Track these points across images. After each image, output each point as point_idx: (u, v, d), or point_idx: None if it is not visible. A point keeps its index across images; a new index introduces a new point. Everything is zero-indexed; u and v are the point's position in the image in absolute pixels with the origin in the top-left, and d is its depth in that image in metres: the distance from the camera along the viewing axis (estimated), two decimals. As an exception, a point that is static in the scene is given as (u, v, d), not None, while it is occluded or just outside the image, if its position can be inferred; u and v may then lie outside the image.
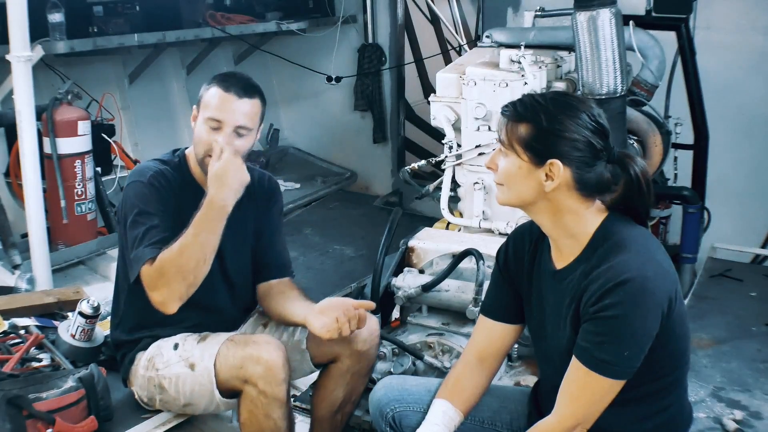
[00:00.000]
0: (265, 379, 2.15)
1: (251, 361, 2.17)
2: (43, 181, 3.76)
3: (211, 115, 2.28)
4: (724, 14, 4.57)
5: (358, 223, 5.43)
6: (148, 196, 2.28)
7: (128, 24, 4.66)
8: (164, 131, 5.53)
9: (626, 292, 1.69)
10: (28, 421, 2.19)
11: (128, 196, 2.31)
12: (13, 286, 3.57)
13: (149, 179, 2.31)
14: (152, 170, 2.34)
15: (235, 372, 2.19)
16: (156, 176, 2.32)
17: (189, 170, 2.42)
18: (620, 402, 1.78)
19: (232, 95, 2.28)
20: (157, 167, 2.37)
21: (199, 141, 2.31)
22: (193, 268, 2.19)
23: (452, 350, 2.84)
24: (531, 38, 3.75)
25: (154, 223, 2.25)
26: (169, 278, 2.19)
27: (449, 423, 1.99)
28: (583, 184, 1.79)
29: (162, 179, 2.33)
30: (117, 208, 2.42)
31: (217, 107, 2.28)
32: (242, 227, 2.45)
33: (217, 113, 2.27)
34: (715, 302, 3.50)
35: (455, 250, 3.02)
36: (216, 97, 2.29)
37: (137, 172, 2.37)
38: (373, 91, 5.94)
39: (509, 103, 1.85)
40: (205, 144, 2.29)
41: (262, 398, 2.16)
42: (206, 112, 2.29)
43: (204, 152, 2.30)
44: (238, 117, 2.28)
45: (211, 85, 2.33)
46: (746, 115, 4.58)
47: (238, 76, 2.38)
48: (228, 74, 2.41)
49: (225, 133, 2.27)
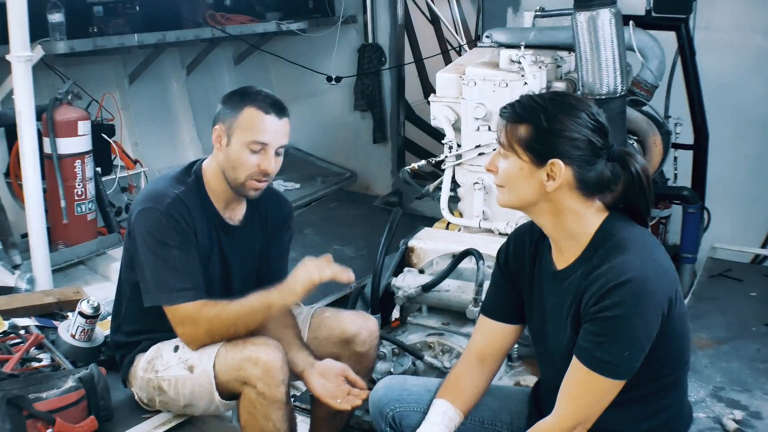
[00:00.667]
0: (263, 380, 2.15)
1: (250, 363, 2.17)
2: (43, 181, 3.75)
3: (254, 138, 2.25)
4: (724, 14, 4.57)
5: (358, 223, 5.42)
6: (166, 226, 2.23)
7: (128, 24, 4.67)
8: (164, 131, 5.53)
9: (627, 292, 1.69)
10: (28, 421, 2.19)
11: (144, 223, 2.25)
12: (13, 286, 3.56)
13: (167, 209, 2.24)
14: (169, 197, 2.26)
15: (234, 374, 2.19)
16: (174, 205, 2.25)
17: (205, 189, 2.36)
18: (620, 402, 1.78)
19: (273, 116, 2.26)
20: (174, 191, 2.29)
21: (241, 165, 2.27)
22: (223, 334, 2.24)
23: (452, 350, 2.85)
24: (531, 38, 3.75)
25: (174, 257, 2.22)
26: (198, 330, 2.23)
27: (449, 423, 1.99)
28: (584, 183, 1.79)
29: (180, 207, 2.26)
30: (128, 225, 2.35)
31: (260, 130, 2.25)
32: (251, 246, 2.45)
33: (262, 136, 2.25)
34: (715, 302, 3.50)
35: (455, 250, 3.02)
36: (256, 119, 2.25)
37: (153, 197, 2.28)
38: (373, 91, 5.94)
39: (508, 104, 1.85)
40: (248, 168, 2.27)
41: (261, 400, 2.16)
42: (247, 135, 2.25)
43: (246, 176, 2.28)
44: (280, 137, 2.28)
45: (241, 106, 2.27)
46: (746, 115, 4.58)
47: (264, 93, 2.31)
48: (254, 92, 2.31)
49: (269, 155, 2.27)
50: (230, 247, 2.40)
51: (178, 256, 2.23)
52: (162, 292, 2.24)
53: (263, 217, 2.47)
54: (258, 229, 2.40)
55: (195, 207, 2.31)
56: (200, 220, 2.32)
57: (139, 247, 2.27)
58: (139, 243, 2.26)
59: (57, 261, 3.91)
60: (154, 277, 2.24)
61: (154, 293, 2.25)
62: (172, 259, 2.23)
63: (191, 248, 2.27)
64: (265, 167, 2.28)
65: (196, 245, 2.29)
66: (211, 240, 2.36)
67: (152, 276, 2.25)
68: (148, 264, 2.25)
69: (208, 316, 2.21)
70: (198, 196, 2.34)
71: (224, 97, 2.35)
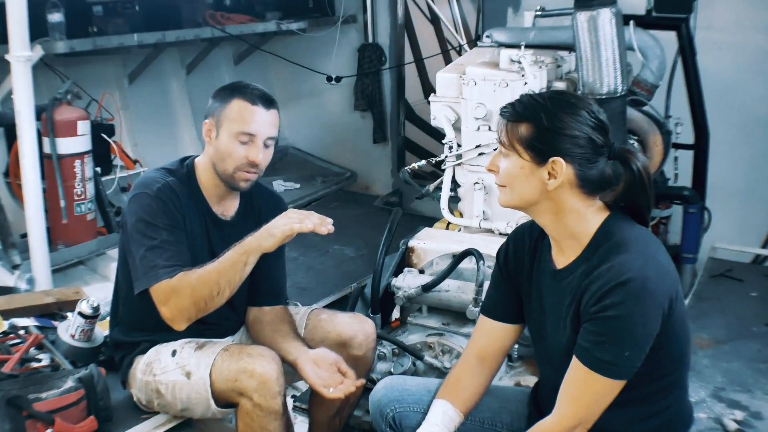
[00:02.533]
0: (259, 392, 2.15)
1: (245, 375, 2.16)
2: (43, 181, 3.76)
3: (242, 129, 2.27)
4: (724, 14, 4.56)
5: (358, 223, 5.41)
6: (155, 209, 2.25)
7: (128, 24, 4.67)
8: (164, 131, 5.53)
9: (627, 292, 1.68)
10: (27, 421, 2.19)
11: (134, 207, 2.28)
12: (13, 286, 3.56)
13: (156, 192, 2.27)
14: (159, 183, 2.30)
15: (230, 385, 2.19)
16: (163, 189, 2.28)
17: (197, 182, 2.39)
18: (621, 402, 1.78)
19: (260, 107, 2.29)
20: (164, 179, 2.32)
21: (229, 156, 2.30)
22: (207, 298, 2.19)
23: (452, 350, 2.84)
24: (531, 38, 3.74)
25: (162, 238, 2.23)
26: (182, 300, 2.18)
27: (449, 423, 1.99)
28: (586, 181, 1.78)
29: (169, 192, 2.29)
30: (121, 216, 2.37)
31: (248, 121, 2.27)
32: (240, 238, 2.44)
33: (249, 127, 2.28)
34: (715, 302, 3.50)
35: (455, 250, 3.02)
36: (243, 110, 2.28)
37: (144, 183, 2.33)
38: (373, 91, 5.93)
39: (508, 104, 1.85)
40: (237, 159, 2.29)
41: (257, 411, 2.16)
42: (234, 126, 2.28)
43: (235, 167, 2.31)
44: (268, 129, 2.30)
45: (229, 99, 2.30)
46: (747, 115, 4.57)
47: (252, 86, 2.35)
48: (242, 85, 2.36)
49: (257, 146, 2.29)
50: (219, 242, 2.38)
51: (165, 237, 2.23)
52: (148, 272, 2.21)
53: (257, 214, 2.46)
54: (251, 226, 2.39)
55: (185, 196, 2.33)
56: (190, 210, 2.33)
57: (129, 232, 2.27)
58: (129, 227, 2.27)
59: (56, 261, 3.91)
60: (141, 259, 2.23)
61: (141, 276, 2.23)
62: (159, 240, 2.23)
63: (179, 231, 2.28)
64: (254, 158, 2.29)
65: (184, 230, 2.29)
66: (200, 232, 2.37)
67: (140, 258, 2.23)
68: (137, 247, 2.24)
69: (189, 281, 2.18)
70: (188, 187, 2.36)
71: (214, 92, 2.38)
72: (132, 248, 2.27)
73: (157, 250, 2.22)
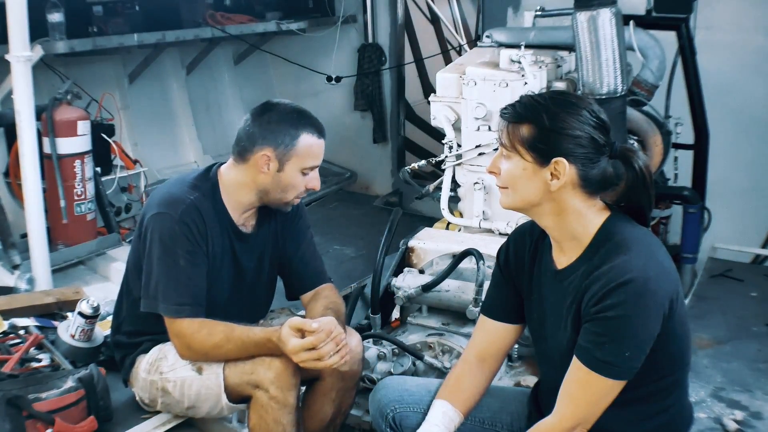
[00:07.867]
0: (276, 384, 2.15)
1: (263, 367, 2.17)
2: (43, 181, 3.76)
3: (313, 164, 2.34)
4: (724, 14, 4.56)
5: (358, 223, 5.42)
6: (177, 234, 2.24)
7: (128, 24, 4.67)
8: (164, 131, 5.53)
9: (628, 292, 1.68)
10: (27, 421, 2.20)
11: (157, 227, 2.26)
12: (13, 286, 3.57)
13: (180, 216, 2.24)
14: (185, 203, 2.27)
15: (246, 377, 2.19)
16: (188, 211, 2.26)
17: (220, 197, 2.36)
18: (621, 402, 1.78)
19: (323, 140, 2.36)
20: (189, 197, 2.29)
21: (293, 188, 2.34)
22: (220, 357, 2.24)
23: (452, 350, 2.84)
24: (531, 38, 3.74)
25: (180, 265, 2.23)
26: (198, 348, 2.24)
27: (449, 423, 1.99)
28: (588, 181, 1.78)
29: (194, 213, 2.27)
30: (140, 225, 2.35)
31: (317, 156, 2.35)
32: (264, 251, 2.47)
33: (317, 161, 2.35)
34: (715, 302, 3.50)
35: (455, 250, 3.02)
36: (312, 146, 2.33)
37: (168, 202, 2.28)
38: (373, 91, 5.94)
39: (508, 105, 1.84)
40: (298, 189, 2.35)
41: (273, 404, 2.16)
42: (305, 162, 2.31)
43: (295, 196, 2.36)
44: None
45: (296, 134, 2.29)
46: (747, 115, 4.57)
47: (309, 115, 2.37)
48: (305, 116, 2.35)
49: (317, 174, 2.37)
50: (244, 254, 2.41)
51: (183, 267, 2.23)
52: (160, 301, 2.24)
53: (273, 220, 2.48)
54: (270, 234, 2.44)
55: (209, 214, 2.31)
56: (213, 227, 2.32)
57: (148, 250, 2.27)
58: (149, 243, 2.27)
59: (57, 261, 3.91)
60: (155, 285, 2.25)
61: (151, 300, 2.25)
62: (177, 269, 2.23)
63: (199, 260, 2.27)
64: (313, 186, 2.37)
65: (205, 255, 2.29)
66: (224, 247, 2.36)
67: (155, 283, 2.25)
68: (153, 270, 2.25)
69: (213, 341, 2.22)
70: (213, 202, 2.34)
71: (266, 118, 2.32)
72: (147, 264, 2.28)
73: (173, 281, 2.23)
